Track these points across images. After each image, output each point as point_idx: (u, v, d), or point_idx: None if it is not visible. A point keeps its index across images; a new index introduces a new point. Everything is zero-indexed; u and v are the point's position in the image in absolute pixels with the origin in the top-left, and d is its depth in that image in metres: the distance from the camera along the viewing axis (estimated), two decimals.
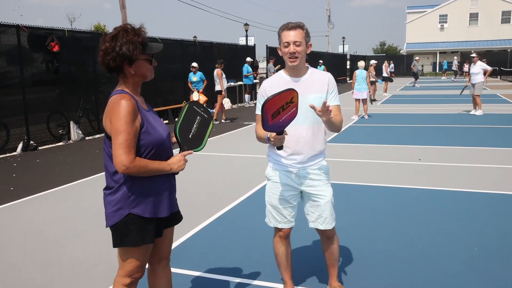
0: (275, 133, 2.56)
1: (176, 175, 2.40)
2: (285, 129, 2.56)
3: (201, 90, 13.52)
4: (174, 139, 2.42)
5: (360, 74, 12.90)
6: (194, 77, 13.75)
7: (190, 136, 2.38)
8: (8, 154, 8.97)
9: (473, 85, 13.25)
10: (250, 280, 3.39)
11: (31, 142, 9.50)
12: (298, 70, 2.79)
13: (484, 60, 13.48)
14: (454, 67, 35.65)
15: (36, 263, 3.82)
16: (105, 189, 2.28)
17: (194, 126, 2.40)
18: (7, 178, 6.98)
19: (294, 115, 2.52)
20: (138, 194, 2.21)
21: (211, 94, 16.06)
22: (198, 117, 2.42)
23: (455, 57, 37.85)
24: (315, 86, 2.78)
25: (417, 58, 30.05)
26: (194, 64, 13.70)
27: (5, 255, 4.02)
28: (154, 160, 2.23)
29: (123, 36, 2.16)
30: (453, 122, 11.84)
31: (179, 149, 2.38)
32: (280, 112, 2.46)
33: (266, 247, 3.93)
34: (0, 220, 5.03)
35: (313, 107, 2.58)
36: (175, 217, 2.48)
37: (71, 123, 10.44)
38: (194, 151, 2.41)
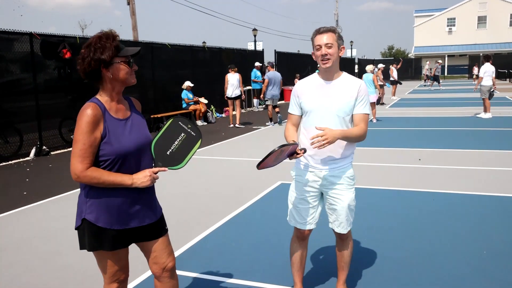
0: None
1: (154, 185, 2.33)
2: (298, 149, 2.66)
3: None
4: None
5: (366, 77, 12.92)
6: (190, 94, 13.94)
7: (168, 153, 2.28)
8: (21, 159, 9.12)
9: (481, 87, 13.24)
10: (259, 283, 3.42)
11: (44, 147, 9.65)
12: (330, 73, 2.82)
13: (490, 61, 13.39)
14: (424, 71, 34.43)
15: (48, 267, 3.87)
16: None
17: (176, 142, 2.29)
18: (21, 182, 7.11)
19: (293, 149, 2.61)
20: (93, 202, 2.21)
21: (220, 99, 16.17)
22: (182, 134, 2.30)
23: (428, 62, 36.95)
24: (344, 91, 2.79)
25: (439, 61, 29.92)
26: (191, 84, 13.87)
27: (18, 258, 4.09)
28: (117, 171, 2.20)
29: (97, 42, 2.18)
30: (462, 125, 11.82)
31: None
32: (278, 157, 2.55)
33: (275, 251, 3.98)
34: (13, 223, 5.12)
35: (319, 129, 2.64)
36: (155, 230, 2.39)
37: None
38: (169, 169, 2.29)
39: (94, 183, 2.15)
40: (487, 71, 12.99)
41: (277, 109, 13.49)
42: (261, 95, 13.53)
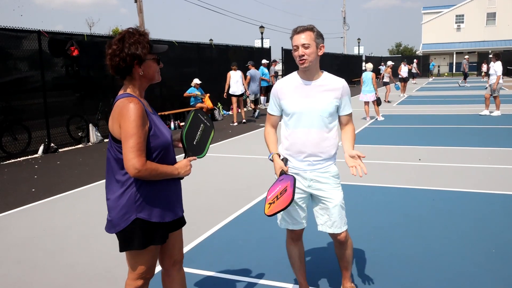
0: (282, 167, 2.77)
1: (181, 180, 2.41)
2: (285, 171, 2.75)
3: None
4: (178, 143, 2.43)
5: (365, 76, 12.80)
6: (197, 92, 13.95)
7: (194, 143, 2.42)
8: (30, 156, 9.18)
9: (490, 85, 13.09)
10: (266, 281, 3.42)
11: (52, 144, 9.71)
12: (310, 73, 2.78)
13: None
14: (414, 70, 32.85)
15: (57, 264, 3.89)
16: (109, 194, 2.25)
17: (198, 133, 2.45)
18: (29, 179, 7.15)
19: (287, 200, 2.55)
20: (144, 199, 2.20)
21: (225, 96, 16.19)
22: (202, 125, 2.47)
23: (415, 60, 35.78)
24: (327, 92, 2.77)
25: (466, 57, 29.57)
26: (198, 81, 13.91)
27: (26, 255, 4.10)
28: (162, 162, 2.23)
29: (130, 37, 2.16)
30: (470, 123, 11.72)
31: (184, 154, 2.40)
32: (275, 202, 2.61)
33: (282, 248, 3.93)
34: (22, 220, 5.15)
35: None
36: (180, 221, 2.47)
37: (90, 125, 10.63)
38: (197, 157, 2.43)
39: (153, 176, 2.15)
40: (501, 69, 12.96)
41: (254, 106, 14.95)
42: (246, 92, 14.42)
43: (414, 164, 7.28)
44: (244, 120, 13.79)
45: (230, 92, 13.54)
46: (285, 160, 2.81)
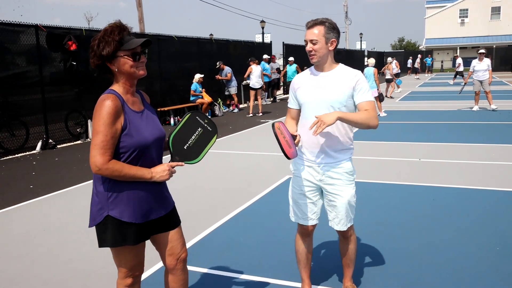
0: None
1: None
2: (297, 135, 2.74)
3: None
4: None
5: (367, 71, 12.69)
6: (201, 89, 13.91)
7: (185, 147, 2.31)
8: (28, 153, 9.11)
9: (481, 82, 12.94)
10: (267, 278, 3.37)
11: (50, 140, 9.63)
12: (322, 66, 2.80)
13: (489, 56, 13.39)
14: (416, 65, 34.36)
15: (55, 260, 3.86)
16: (93, 189, 2.28)
17: (193, 137, 2.33)
18: (27, 176, 7.09)
19: (284, 128, 2.67)
20: (116, 197, 2.18)
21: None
22: (199, 129, 2.34)
23: (419, 55, 36.11)
24: (339, 82, 2.74)
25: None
26: (201, 75, 13.96)
27: (25, 252, 4.08)
28: (135, 163, 2.19)
29: (102, 35, 2.17)
30: (472, 119, 11.64)
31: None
32: (285, 139, 2.61)
33: (284, 246, 3.93)
34: (20, 217, 5.11)
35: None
36: (171, 221, 2.41)
37: (89, 121, 10.54)
38: (186, 163, 2.32)
39: (115, 176, 2.13)
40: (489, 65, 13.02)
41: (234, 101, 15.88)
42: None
43: (415, 160, 7.19)
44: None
45: (250, 85, 14.34)
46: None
